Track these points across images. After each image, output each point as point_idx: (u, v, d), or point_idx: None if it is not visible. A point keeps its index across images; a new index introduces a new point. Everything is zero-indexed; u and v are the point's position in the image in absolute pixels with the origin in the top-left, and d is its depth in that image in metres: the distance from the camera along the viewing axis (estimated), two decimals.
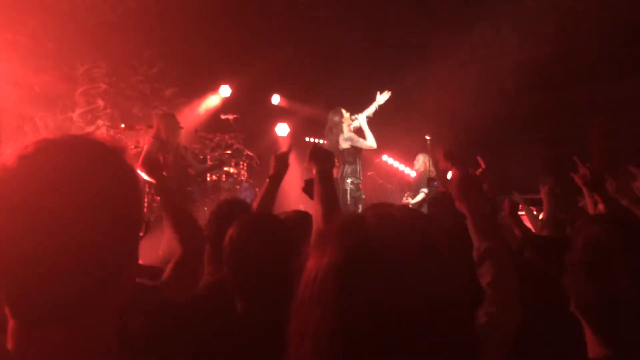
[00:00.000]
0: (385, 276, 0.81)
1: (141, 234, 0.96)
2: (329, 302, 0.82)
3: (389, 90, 7.26)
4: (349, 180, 6.68)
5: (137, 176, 0.95)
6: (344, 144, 6.82)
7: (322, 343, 0.81)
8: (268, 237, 1.87)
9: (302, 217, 2.79)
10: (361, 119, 6.94)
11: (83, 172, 0.85)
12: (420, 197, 7.74)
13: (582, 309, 1.29)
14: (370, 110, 7.03)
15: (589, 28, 9.51)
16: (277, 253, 1.83)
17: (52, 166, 0.83)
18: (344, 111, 7.00)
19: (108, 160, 0.89)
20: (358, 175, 6.82)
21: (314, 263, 0.88)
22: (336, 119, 6.94)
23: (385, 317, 0.80)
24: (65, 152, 0.86)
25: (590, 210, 2.88)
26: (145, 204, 6.26)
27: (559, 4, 9.97)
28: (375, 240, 0.85)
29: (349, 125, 6.92)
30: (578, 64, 9.70)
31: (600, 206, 2.72)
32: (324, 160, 2.33)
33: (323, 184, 2.25)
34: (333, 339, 0.81)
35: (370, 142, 6.86)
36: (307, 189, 2.65)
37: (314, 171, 2.32)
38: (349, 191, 6.65)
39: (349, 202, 6.56)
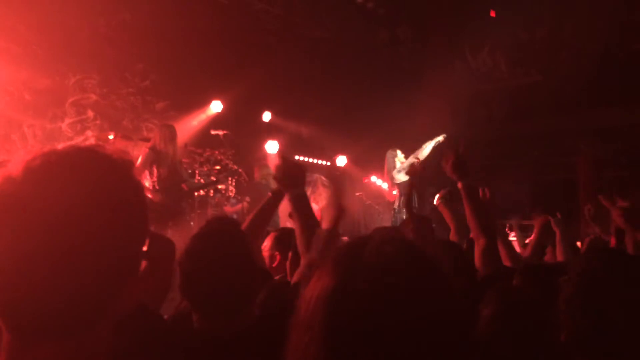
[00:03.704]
0: (377, 307, 0.79)
1: (144, 249, 0.94)
2: (316, 329, 0.81)
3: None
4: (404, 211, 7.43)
5: (142, 191, 0.94)
6: (402, 177, 7.77)
7: None
8: (223, 247, 1.81)
9: None
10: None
11: (88, 187, 0.83)
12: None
13: (573, 339, 1.28)
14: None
15: (577, 56, 9.68)
16: (233, 263, 1.78)
17: (58, 180, 0.82)
18: (398, 151, 8.15)
19: (114, 175, 0.88)
20: (415, 205, 7.53)
21: (311, 286, 0.86)
22: (390, 156, 8.13)
23: (374, 349, 0.77)
24: (72, 166, 0.85)
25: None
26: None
27: (547, 33, 10.16)
28: (370, 269, 0.83)
29: (401, 162, 8.03)
30: (565, 91, 9.85)
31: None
32: (295, 183, 2.26)
33: (299, 208, 2.19)
34: None
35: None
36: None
37: (288, 197, 2.25)
38: None
39: None
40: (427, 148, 8.12)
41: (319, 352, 0.79)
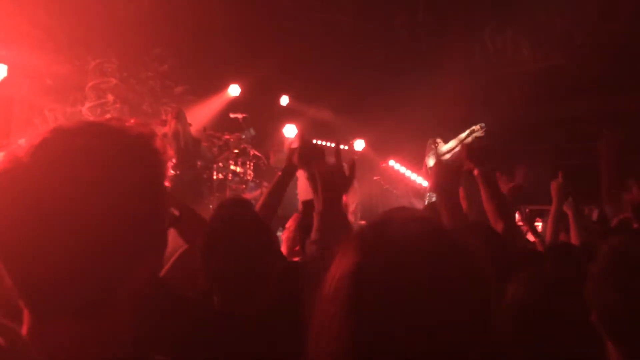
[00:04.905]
0: (401, 282, 0.80)
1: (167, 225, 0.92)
2: (341, 303, 0.83)
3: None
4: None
5: (162, 165, 0.89)
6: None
7: (335, 342, 0.82)
8: (241, 228, 1.83)
9: None
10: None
11: (98, 162, 0.81)
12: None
13: (604, 319, 1.27)
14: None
15: (600, 39, 9.50)
16: (252, 243, 1.81)
17: (66, 156, 0.80)
18: (438, 140, 8.01)
19: (126, 148, 0.84)
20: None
21: (336, 262, 0.88)
22: (429, 143, 8.02)
23: (394, 325, 0.79)
24: (79, 141, 0.82)
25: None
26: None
27: (570, 17, 9.97)
28: (395, 245, 0.84)
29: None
30: (588, 75, 9.68)
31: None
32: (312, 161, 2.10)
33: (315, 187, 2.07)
34: (343, 340, 0.81)
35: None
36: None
37: (306, 176, 2.08)
38: None
39: None
40: (457, 139, 7.90)
41: (344, 325, 0.81)
